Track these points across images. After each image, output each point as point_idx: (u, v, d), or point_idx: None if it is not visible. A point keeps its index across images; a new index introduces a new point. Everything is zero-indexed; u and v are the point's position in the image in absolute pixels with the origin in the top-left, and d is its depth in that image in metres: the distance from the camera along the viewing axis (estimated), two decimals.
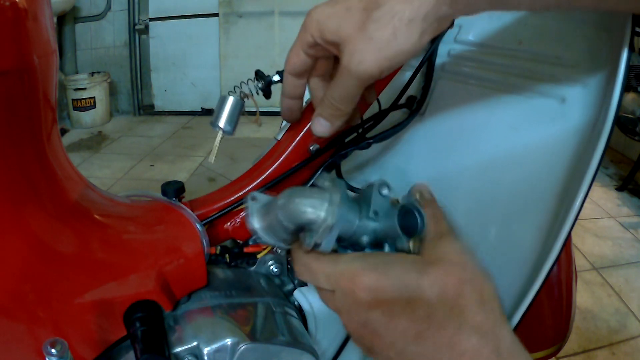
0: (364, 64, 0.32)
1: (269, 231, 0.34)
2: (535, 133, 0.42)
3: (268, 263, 0.52)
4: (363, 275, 0.30)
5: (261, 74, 0.46)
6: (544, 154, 0.40)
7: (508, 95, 0.44)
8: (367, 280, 0.30)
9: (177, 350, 0.37)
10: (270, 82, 0.46)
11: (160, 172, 2.49)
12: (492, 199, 0.45)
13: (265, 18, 3.23)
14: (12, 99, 0.31)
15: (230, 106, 0.45)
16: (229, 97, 0.45)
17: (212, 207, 0.48)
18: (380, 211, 0.33)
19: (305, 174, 0.50)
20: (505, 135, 0.44)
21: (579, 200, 0.35)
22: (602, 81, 0.36)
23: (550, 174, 0.40)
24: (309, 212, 0.31)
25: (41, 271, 0.35)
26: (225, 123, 0.45)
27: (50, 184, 0.37)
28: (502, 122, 0.45)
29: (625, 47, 0.34)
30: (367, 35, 0.32)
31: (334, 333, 0.52)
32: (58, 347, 0.27)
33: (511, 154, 0.43)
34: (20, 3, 0.30)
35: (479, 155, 0.47)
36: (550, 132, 0.40)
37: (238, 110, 0.45)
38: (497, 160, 0.45)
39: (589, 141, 0.36)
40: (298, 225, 0.32)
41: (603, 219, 1.98)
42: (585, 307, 1.46)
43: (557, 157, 0.39)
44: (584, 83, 0.38)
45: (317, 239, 0.31)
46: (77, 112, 3.11)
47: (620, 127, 2.11)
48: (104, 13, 3.31)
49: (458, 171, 0.48)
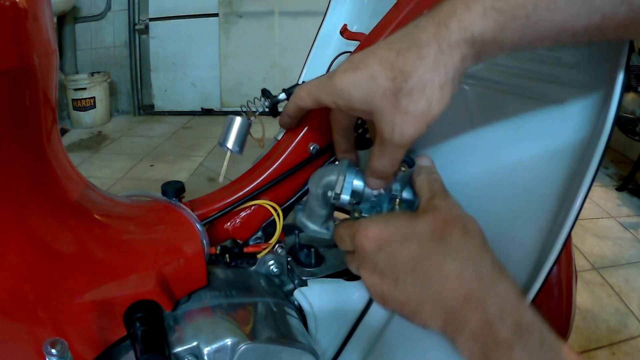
0: (406, 135, 0.33)
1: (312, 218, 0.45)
2: (535, 133, 0.42)
3: (268, 263, 0.52)
4: (369, 228, 0.36)
5: (268, 93, 0.47)
6: (544, 154, 0.40)
7: (508, 96, 0.44)
8: (372, 232, 0.36)
9: (177, 350, 0.37)
10: (278, 102, 0.46)
11: (160, 172, 2.49)
12: (492, 200, 0.45)
13: (265, 18, 3.23)
14: (12, 99, 0.31)
15: (238, 127, 0.46)
16: (236, 118, 0.46)
17: (212, 207, 0.48)
18: None
19: (306, 174, 0.50)
20: (505, 136, 0.44)
21: (579, 201, 0.35)
22: (602, 81, 0.36)
23: (550, 173, 0.40)
24: (326, 174, 0.43)
25: (41, 271, 0.35)
26: (233, 144, 0.46)
27: (50, 184, 0.37)
28: (502, 122, 0.45)
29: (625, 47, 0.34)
30: (402, 109, 0.32)
31: (334, 333, 0.52)
32: (58, 347, 0.27)
33: (511, 154, 0.43)
34: (20, 3, 0.30)
35: (478, 156, 0.47)
36: (551, 133, 0.40)
37: (245, 130, 0.46)
38: (497, 160, 0.45)
39: (589, 141, 0.36)
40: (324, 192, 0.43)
41: (603, 219, 1.98)
42: (585, 307, 1.46)
43: (557, 157, 0.39)
44: (583, 83, 0.38)
45: (337, 189, 0.41)
46: (77, 112, 3.11)
47: (620, 127, 2.11)
48: (104, 13, 3.31)
49: (458, 171, 0.48)
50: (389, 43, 0.33)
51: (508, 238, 0.42)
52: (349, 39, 0.67)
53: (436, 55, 0.31)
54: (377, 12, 0.59)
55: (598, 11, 0.27)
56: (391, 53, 0.32)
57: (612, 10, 0.27)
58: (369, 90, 0.33)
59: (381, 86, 0.32)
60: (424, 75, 0.31)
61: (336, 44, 0.76)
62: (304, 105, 0.40)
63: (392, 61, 0.32)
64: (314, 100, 0.38)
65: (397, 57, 0.32)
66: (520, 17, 0.29)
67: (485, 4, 0.29)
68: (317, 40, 0.77)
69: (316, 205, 0.45)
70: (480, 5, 0.29)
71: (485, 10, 0.29)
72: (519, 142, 0.43)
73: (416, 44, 0.31)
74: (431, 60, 0.31)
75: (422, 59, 0.31)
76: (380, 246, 0.35)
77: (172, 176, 2.39)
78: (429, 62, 0.31)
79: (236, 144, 0.46)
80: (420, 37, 0.31)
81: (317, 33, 0.78)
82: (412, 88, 0.31)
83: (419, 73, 0.31)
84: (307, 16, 3.10)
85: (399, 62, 0.32)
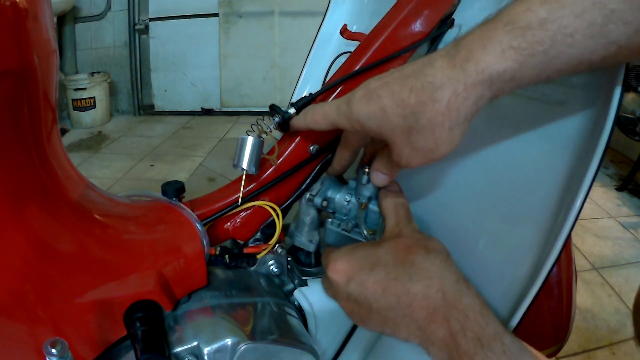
0: (411, 164, 0.36)
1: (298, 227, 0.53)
2: (535, 133, 0.42)
3: (268, 263, 0.52)
4: (337, 263, 0.39)
5: (277, 108, 0.46)
6: (544, 154, 0.40)
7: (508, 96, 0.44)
8: (340, 265, 0.39)
9: (177, 350, 0.37)
10: (290, 118, 0.45)
11: (160, 172, 2.49)
12: (492, 200, 0.45)
13: (265, 18, 3.23)
14: (12, 99, 0.31)
15: (251, 146, 0.45)
16: (248, 138, 0.45)
17: (212, 207, 0.48)
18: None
19: (305, 174, 0.50)
20: (506, 136, 0.44)
21: (579, 201, 0.35)
22: (602, 81, 0.36)
23: (550, 173, 0.40)
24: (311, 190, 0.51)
25: (41, 271, 0.35)
26: (248, 164, 0.45)
27: (50, 184, 0.37)
28: (502, 123, 0.45)
29: None
30: (411, 144, 0.34)
31: (334, 333, 0.52)
32: (58, 347, 0.27)
33: (511, 155, 0.43)
34: (20, 3, 0.30)
35: (478, 156, 0.47)
36: (551, 133, 0.40)
37: (258, 149, 0.45)
38: (497, 161, 0.45)
39: (589, 141, 0.36)
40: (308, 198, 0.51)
41: (603, 219, 1.98)
42: (585, 307, 1.46)
43: (557, 157, 0.39)
44: (583, 84, 0.38)
45: (313, 192, 0.50)
46: (77, 112, 3.11)
47: (620, 127, 2.11)
48: (104, 13, 3.31)
49: (457, 171, 0.48)
50: (403, 78, 0.33)
51: (508, 238, 0.42)
52: (349, 39, 0.67)
53: (450, 99, 0.30)
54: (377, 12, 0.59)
55: (614, 43, 0.27)
56: (404, 89, 0.32)
57: (627, 41, 0.27)
58: (381, 122, 0.34)
59: (392, 122, 0.33)
60: (435, 118, 0.31)
61: (336, 44, 0.76)
62: (318, 128, 0.41)
63: (404, 98, 0.32)
64: (330, 123, 0.39)
65: (410, 95, 0.32)
66: (538, 53, 0.28)
67: (503, 44, 0.29)
68: (317, 40, 0.77)
69: (301, 212, 0.51)
70: (498, 45, 0.29)
71: (504, 50, 0.29)
72: (519, 142, 0.43)
73: (430, 85, 0.31)
74: (444, 104, 0.31)
75: (434, 102, 0.31)
76: (350, 278, 0.38)
77: (172, 176, 2.39)
78: (441, 106, 0.31)
79: (251, 164, 0.45)
80: (435, 77, 0.31)
81: (317, 33, 0.78)
82: (422, 129, 0.32)
83: (430, 115, 0.31)
84: (307, 16, 3.10)
85: (410, 100, 0.32)
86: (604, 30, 0.27)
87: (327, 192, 0.50)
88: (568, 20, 0.27)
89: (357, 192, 0.48)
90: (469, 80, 0.30)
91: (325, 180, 0.51)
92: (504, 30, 0.29)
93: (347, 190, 0.50)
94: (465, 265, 0.47)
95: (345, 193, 0.49)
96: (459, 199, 0.48)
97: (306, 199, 0.51)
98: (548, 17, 0.27)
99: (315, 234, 0.53)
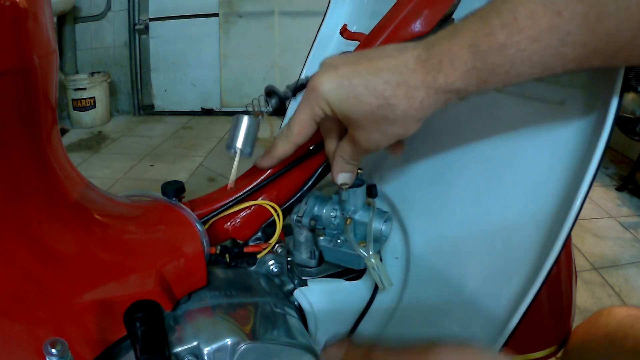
0: (380, 146, 0.37)
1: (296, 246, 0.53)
2: (535, 134, 0.42)
3: (268, 263, 0.52)
4: None
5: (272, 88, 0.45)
6: (544, 154, 0.40)
7: (507, 96, 0.44)
8: None
9: (177, 350, 0.37)
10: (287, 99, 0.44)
11: (160, 172, 2.49)
12: (492, 200, 0.45)
13: (265, 18, 3.22)
14: (12, 99, 0.31)
15: (246, 126, 0.42)
16: (243, 117, 0.43)
17: (212, 207, 0.48)
18: None
19: (305, 174, 0.50)
20: (505, 137, 0.44)
21: (579, 201, 0.35)
22: (601, 82, 0.36)
23: (550, 173, 0.40)
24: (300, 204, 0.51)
25: (41, 271, 0.35)
26: (243, 144, 0.43)
27: (50, 184, 0.37)
28: (502, 123, 0.45)
29: None
30: (381, 130, 0.36)
31: (333, 333, 0.52)
32: (58, 347, 0.27)
33: (511, 155, 0.43)
34: (20, 3, 0.30)
35: (478, 157, 0.47)
36: (550, 133, 0.40)
37: (254, 130, 0.43)
38: (497, 161, 0.45)
39: (589, 141, 0.36)
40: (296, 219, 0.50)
41: (603, 219, 1.98)
42: (585, 307, 1.46)
43: (557, 157, 0.39)
44: (583, 84, 0.38)
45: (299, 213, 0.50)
46: (77, 112, 3.10)
47: (620, 127, 2.11)
48: (104, 13, 3.31)
49: (456, 172, 0.48)
50: (375, 69, 0.34)
51: (508, 238, 0.42)
52: (348, 39, 0.67)
53: (423, 99, 0.33)
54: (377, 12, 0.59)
55: (573, 61, 0.29)
56: (377, 80, 0.34)
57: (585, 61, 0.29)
58: (354, 108, 0.35)
59: (364, 109, 0.35)
60: (408, 111, 0.34)
61: (336, 44, 0.76)
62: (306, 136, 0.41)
63: (379, 90, 0.34)
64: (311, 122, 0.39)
65: (385, 87, 0.34)
66: (500, 73, 0.31)
67: (467, 64, 0.31)
68: (317, 40, 0.77)
69: (296, 232, 0.52)
70: (464, 65, 0.31)
71: (469, 70, 0.31)
72: (519, 143, 0.43)
73: (405, 83, 0.33)
74: (418, 101, 0.33)
75: (409, 99, 0.33)
76: None
77: (172, 176, 2.39)
78: (415, 103, 0.34)
79: (246, 144, 0.43)
80: (409, 78, 0.33)
81: (317, 33, 0.78)
82: (395, 119, 0.34)
83: (404, 108, 0.34)
84: (307, 16, 3.10)
85: (386, 93, 0.34)
86: (561, 52, 0.29)
87: (313, 210, 0.49)
88: (525, 44, 0.29)
89: (340, 208, 0.48)
90: (440, 88, 0.33)
91: (309, 198, 0.50)
92: (468, 52, 0.31)
93: (332, 205, 0.49)
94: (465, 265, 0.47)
95: (330, 208, 0.49)
96: (457, 200, 0.48)
97: (294, 222, 0.50)
98: (506, 43, 0.29)
99: (315, 249, 0.53)
